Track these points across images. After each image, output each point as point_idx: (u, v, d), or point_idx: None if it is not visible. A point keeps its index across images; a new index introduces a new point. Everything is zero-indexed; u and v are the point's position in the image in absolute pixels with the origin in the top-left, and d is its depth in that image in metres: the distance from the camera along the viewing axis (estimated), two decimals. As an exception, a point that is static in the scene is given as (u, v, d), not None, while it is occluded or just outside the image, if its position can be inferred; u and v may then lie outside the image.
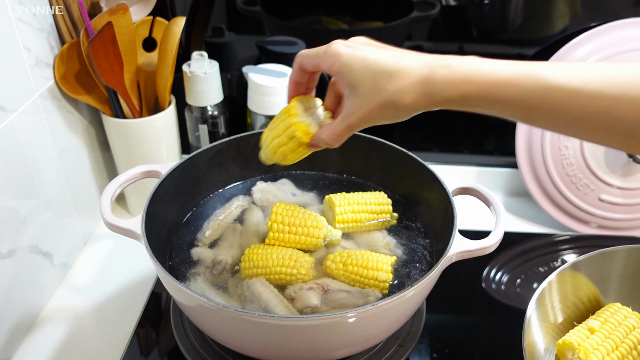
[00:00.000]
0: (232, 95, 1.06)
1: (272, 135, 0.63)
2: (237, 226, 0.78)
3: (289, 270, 0.68)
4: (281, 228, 0.71)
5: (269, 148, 0.64)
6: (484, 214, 0.77)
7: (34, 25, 0.77)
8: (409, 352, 0.72)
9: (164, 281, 0.63)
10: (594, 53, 0.92)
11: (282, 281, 0.69)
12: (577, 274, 0.73)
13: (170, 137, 0.95)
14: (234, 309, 0.56)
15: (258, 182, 0.84)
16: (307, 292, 0.66)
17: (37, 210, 0.79)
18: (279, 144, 0.62)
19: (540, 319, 0.70)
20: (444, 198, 0.71)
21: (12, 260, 0.74)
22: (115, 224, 0.66)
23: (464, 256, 0.64)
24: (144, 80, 0.93)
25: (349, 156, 0.85)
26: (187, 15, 0.98)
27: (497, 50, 0.98)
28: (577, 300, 0.74)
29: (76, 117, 0.90)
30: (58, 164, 0.84)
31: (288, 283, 0.69)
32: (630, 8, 0.92)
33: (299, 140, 0.60)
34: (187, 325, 0.76)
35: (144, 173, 0.74)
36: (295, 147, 0.61)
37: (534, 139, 0.97)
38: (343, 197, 0.77)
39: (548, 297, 0.71)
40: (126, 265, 0.91)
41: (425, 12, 0.97)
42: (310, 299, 0.65)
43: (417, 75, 0.51)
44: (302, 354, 0.61)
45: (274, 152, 0.64)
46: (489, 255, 0.67)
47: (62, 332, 0.79)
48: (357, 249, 0.72)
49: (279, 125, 0.62)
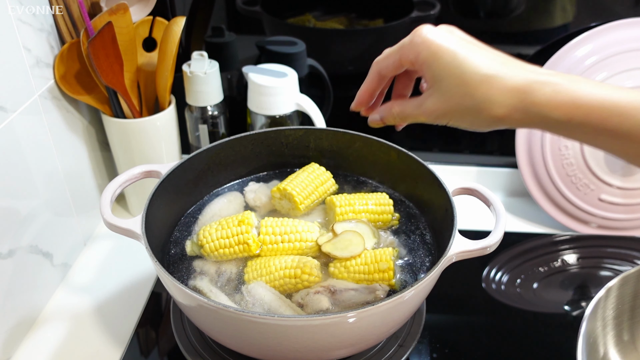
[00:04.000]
0: (232, 95, 1.06)
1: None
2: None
3: (294, 272, 0.67)
4: (273, 239, 0.71)
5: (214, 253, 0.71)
6: (484, 214, 0.77)
7: (34, 25, 0.77)
8: (409, 352, 0.72)
9: (164, 281, 0.63)
10: (594, 53, 0.92)
11: (288, 285, 0.67)
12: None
13: (170, 137, 0.95)
14: (234, 309, 0.56)
15: (250, 183, 0.84)
16: (316, 296, 0.65)
17: (37, 210, 0.79)
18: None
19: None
20: (444, 198, 0.71)
21: (12, 260, 0.74)
22: (115, 224, 0.66)
23: (464, 256, 0.64)
24: (144, 80, 0.93)
25: (349, 156, 0.85)
26: (187, 15, 0.98)
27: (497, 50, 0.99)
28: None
29: (76, 117, 0.90)
30: (58, 164, 0.84)
31: (294, 288, 0.68)
32: (630, 8, 0.92)
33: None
34: (187, 325, 0.76)
35: (144, 173, 0.74)
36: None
37: (534, 139, 0.97)
38: (344, 197, 0.77)
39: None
40: (126, 265, 0.91)
41: (425, 12, 0.97)
42: (320, 303, 0.64)
43: (513, 86, 0.45)
44: (302, 354, 0.61)
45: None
46: (489, 255, 0.67)
47: (62, 332, 0.80)
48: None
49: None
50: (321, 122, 0.96)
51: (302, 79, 1.00)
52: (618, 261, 0.93)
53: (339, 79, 1.05)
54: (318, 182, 0.80)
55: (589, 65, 0.92)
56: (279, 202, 0.79)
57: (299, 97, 0.95)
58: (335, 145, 0.85)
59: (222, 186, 0.85)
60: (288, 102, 0.95)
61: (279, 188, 0.78)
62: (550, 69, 0.94)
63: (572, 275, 0.91)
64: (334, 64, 1.04)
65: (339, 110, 1.07)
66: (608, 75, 0.92)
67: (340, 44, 1.05)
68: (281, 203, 0.79)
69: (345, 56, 1.05)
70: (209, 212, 0.80)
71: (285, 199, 0.78)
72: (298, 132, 0.85)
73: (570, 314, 0.84)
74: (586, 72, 0.93)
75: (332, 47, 1.05)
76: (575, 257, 0.95)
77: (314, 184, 0.79)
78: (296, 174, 0.81)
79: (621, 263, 0.93)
